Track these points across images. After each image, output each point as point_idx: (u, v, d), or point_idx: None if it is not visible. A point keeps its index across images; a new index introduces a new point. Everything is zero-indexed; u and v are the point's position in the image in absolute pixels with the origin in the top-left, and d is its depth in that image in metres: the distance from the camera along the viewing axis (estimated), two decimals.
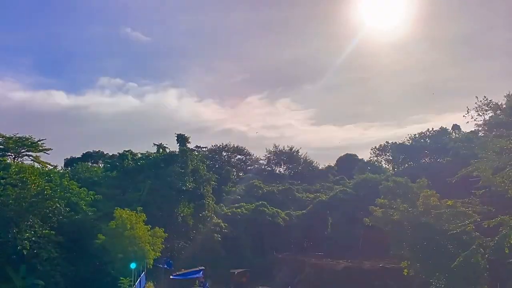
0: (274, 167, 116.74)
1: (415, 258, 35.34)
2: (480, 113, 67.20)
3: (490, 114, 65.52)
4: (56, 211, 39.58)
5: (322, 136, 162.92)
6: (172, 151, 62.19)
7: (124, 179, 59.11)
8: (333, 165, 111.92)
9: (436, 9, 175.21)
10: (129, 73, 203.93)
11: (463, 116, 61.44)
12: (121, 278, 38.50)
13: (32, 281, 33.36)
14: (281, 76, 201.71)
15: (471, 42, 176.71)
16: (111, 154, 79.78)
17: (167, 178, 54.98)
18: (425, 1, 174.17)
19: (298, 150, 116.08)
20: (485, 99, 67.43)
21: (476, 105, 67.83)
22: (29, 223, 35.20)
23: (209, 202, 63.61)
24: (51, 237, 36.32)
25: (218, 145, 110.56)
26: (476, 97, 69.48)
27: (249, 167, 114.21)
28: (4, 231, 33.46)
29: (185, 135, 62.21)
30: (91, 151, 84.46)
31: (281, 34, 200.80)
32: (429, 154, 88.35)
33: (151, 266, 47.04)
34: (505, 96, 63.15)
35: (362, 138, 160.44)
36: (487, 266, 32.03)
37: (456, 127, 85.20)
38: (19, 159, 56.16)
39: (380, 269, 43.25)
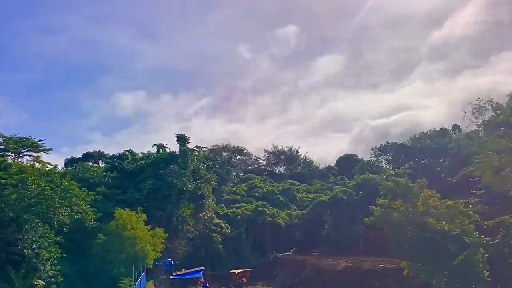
0: (273, 167, 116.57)
1: (415, 258, 35.34)
2: (477, 115, 67.85)
3: (490, 114, 65.95)
4: (56, 211, 39.54)
5: None
6: (173, 151, 62.18)
7: (124, 179, 59.10)
8: (333, 165, 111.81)
9: None
10: None
11: (462, 119, 60.87)
12: (122, 278, 38.58)
13: (32, 281, 33.30)
14: None
15: None
16: (111, 154, 79.83)
17: (167, 178, 54.97)
18: None
19: (297, 150, 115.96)
20: (479, 100, 67.92)
21: (472, 108, 68.54)
22: (29, 223, 35.17)
23: (209, 202, 63.61)
24: (51, 237, 36.32)
25: (218, 145, 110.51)
26: (469, 103, 69.97)
27: (249, 167, 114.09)
28: (5, 231, 33.42)
29: (185, 135, 62.19)
30: (91, 151, 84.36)
31: None
32: (429, 154, 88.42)
33: (151, 266, 47.12)
34: (507, 95, 63.51)
35: None
36: (487, 266, 32.04)
37: (456, 127, 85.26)
38: (19, 159, 56.06)
39: (380, 269, 43.23)
